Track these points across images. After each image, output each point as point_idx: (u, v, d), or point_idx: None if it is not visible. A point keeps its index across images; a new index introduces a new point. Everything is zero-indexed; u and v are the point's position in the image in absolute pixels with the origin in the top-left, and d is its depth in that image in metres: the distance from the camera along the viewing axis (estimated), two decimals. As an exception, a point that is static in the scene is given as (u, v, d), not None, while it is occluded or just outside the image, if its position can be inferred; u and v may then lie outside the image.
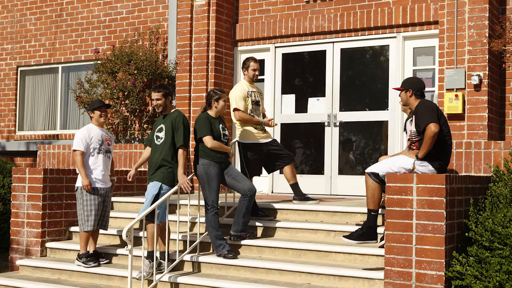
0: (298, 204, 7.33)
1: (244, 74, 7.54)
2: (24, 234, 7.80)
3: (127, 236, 6.08)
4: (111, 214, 7.82)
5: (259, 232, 7.09)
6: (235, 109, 7.29)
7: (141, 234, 6.94)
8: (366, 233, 5.99)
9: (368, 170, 6.11)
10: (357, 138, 9.41)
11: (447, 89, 7.99)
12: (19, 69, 12.43)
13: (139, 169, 7.47)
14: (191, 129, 8.17)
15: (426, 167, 5.94)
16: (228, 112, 7.88)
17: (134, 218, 6.68)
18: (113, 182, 7.46)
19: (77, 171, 7.18)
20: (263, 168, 7.61)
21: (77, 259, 7.16)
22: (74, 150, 7.14)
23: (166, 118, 6.86)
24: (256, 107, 7.44)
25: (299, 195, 7.45)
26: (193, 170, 6.96)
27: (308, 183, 9.01)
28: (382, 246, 6.01)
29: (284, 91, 9.75)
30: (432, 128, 5.78)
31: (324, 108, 9.35)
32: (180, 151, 6.70)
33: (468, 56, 7.87)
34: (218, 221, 6.72)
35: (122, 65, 9.89)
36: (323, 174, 9.30)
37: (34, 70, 12.31)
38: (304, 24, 9.40)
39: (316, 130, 9.46)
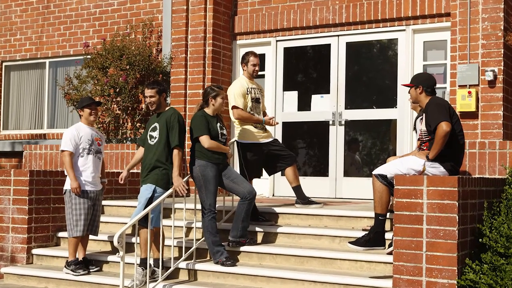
0: (300, 208, 7.33)
1: (243, 70, 7.55)
2: (9, 240, 7.79)
3: (118, 242, 6.09)
4: (102, 218, 7.81)
5: (260, 238, 7.09)
6: (234, 107, 7.30)
7: (133, 240, 6.94)
8: (373, 239, 5.99)
9: (375, 171, 6.11)
10: (363, 137, 9.42)
11: (459, 86, 7.99)
12: (4, 64, 12.43)
13: (131, 171, 7.47)
14: (187, 128, 8.17)
15: (437, 169, 5.94)
16: (226, 110, 7.89)
17: (126, 223, 6.68)
18: (103, 184, 7.46)
19: (66, 173, 7.18)
20: (263, 170, 7.62)
21: (65, 266, 7.16)
22: (62, 151, 7.15)
23: (160, 116, 6.87)
24: (256, 104, 7.45)
25: (302, 199, 7.45)
26: (189, 172, 6.97)
27: (311, 185, 9.01)
28: (390, 253, 6.01)
29: (286, 87, 9.76)
30: (444, 127, 5.78)
31: (328, 106, 9.36)
32: (175, 152, 6.70)
33: (482, 50, 7.87)
34: (215, 226, 6.72)
35: (113, 60, 9.89)
36: (327, 176, 9.30)
37: (19, 65, 12.31)
38: (307, 16, 9.40)
39: (320, 129, 9.46)
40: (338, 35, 9.35)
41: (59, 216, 7.97)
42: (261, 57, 9.37)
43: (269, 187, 9.64)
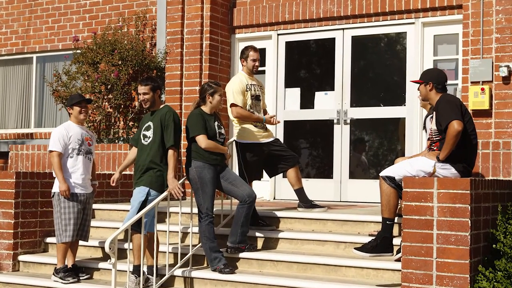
0: (303, 212, 7.34)
1: (242, 65, 7.55)
2: (-6, 245, 7.80)
3: (110, 248, 6.09)
4: (92, 223, 7.81)
5: (260, 243, 7.10)
6: (233, 105, 7.30)
7: (126, 245, 6.94)
8: (380, 244, 5.99)
9: (382, 173, 6.11)
10: (370, 137, 9.42)
11: (472, 82, 7.99)
12: (-12, 59, 12.46)
13: (124, 173, 7.46)
14: (183, 127, 8.18)
15: (448, 170, 5.94)
16: (224, 108, 7.89)
17: (118, 228, 6.68)
18: (94, 187, 7.46)
19: (54, 175, 7.18)
20: (264, 171, 7.62)
21: (53, 274, 7.16)
22: (51, 151, 7.15)
23: (154, 114, 6.87)
24: (256, 102, 7.45)
25: (305, 202, 7.45)
26: (184, 174, 6.96)
27: (315, 188, 9.01)
28: (398, 260, 6.02)
29: (288, 84, 9.76)
30: (455, 126, 5.78)
31: (333, 104, 9.36)
32: (170, 152, 6.70)
33: (495, 44, 7.87)
34: (213, 231, 6.72)
35: (104, 54, 9.89)
36: (331, 178, 9.31)
37: (5, 60, 12.31)
38: (310, 9, 9.41)
39: (324, 128, 9.46)
40: (343, 29, 9.35)
41: (47, 220, 7.97)
42: (262, 52, 9.36)
43: (270, 189, 9.64)
